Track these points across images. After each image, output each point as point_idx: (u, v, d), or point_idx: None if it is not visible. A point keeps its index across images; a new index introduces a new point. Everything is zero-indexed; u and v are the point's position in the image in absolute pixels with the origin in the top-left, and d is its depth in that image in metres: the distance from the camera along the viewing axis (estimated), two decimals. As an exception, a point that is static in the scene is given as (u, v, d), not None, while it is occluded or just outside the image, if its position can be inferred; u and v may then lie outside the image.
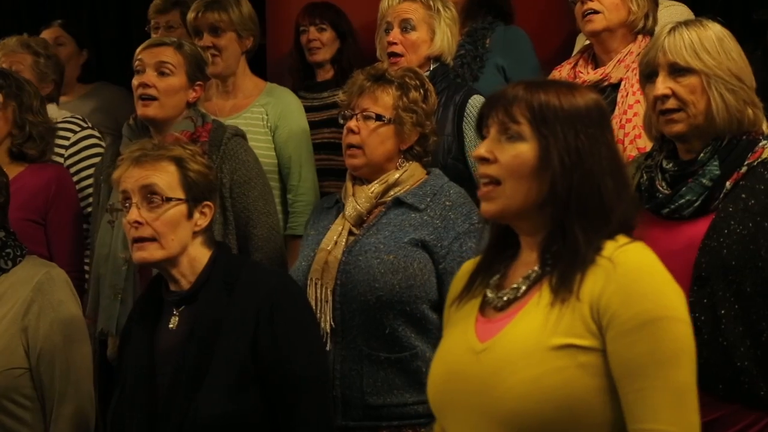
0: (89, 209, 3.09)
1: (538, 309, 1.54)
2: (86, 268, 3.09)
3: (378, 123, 2.49)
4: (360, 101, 2.52)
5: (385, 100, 2.50)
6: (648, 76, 2.11)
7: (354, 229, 2.50)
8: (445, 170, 2.68)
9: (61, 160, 3.30)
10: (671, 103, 2.05)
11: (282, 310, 2.11)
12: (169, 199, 2.12)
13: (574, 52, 3.41)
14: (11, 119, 2.95)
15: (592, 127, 1.57)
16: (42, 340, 2.31)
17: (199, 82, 2.85)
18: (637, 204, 1.72)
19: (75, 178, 3.25)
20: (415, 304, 2.40)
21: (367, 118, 2.50)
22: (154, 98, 2.76)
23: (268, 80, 3.55)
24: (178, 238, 2.13)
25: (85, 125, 3.38)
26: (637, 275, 1.50)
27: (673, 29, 2.08)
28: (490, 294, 1.63)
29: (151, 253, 2.11)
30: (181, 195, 2.13)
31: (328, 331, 2.42)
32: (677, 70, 2.06)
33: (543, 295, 1.54)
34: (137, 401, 2.11)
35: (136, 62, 2.82)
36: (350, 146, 2.51)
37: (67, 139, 3.33)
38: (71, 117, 3.40)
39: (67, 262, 2.89)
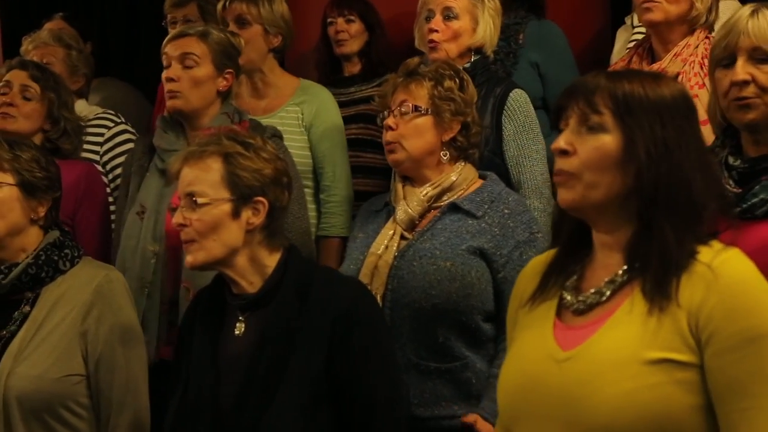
0: None
1: (631, 318, 1.45)
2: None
3: (415, 114, 2.41)
4: (395, 97, 2.45)
5: (420, 92, 2.43)
6: (720, 60, 2.00)
7: (406, 234, 2.40)
8: (480, 161, 2.60)
9: (96, 156, 3.22)
10: (749, 91, 1.95)
11: (360, 324, 1.98)
12: (209, 200, 2.00)
13: (616, 47, 3.35)
14: (45, 113, 2.84)
15: (678, 118, 1.50)
16: (101, 346, 2.21)
17: (229, 70, 2.75)
18: (727, 202, 1.62)
19: (110, 175, 3.20)
20: (471, 314, 2.31)
21: (404, 113, 2.42)
22: (180, 91, 2.68)
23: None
24: (222, 239, 2.00)
25: (119, 120, 3.30)
26: (742, 289, 1.42)
27: (755, 11, 1.97)
28: (568, 297, 1.55)
29: (195, 256, 2.01)
30: (224, 194, 2.00)
31: None
32: (760, 55, 1.95)
33: (635, 302, 1.46)
34: (202, 412, 1.99)
35: (163, 56, 2.74)
36: (390, 142, 2.43)
37: (102, 135, 3.25)
38: (104, 112, 3.32)
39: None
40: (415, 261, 2.33)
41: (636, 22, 3.10)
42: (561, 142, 1.51)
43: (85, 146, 3.14)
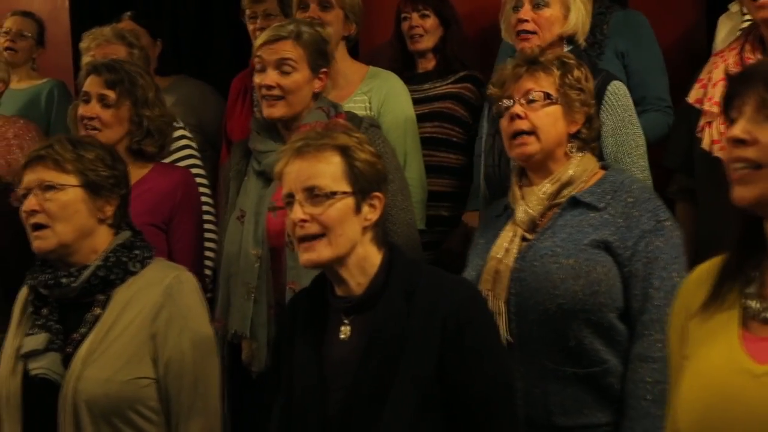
0: None
1: None
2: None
3: (546, 102, 2.26)
4: (519, 86, 2.28)
5: (549, 79, 2.28)
6: None
7: (527, 235, 2.27)
8: None
9: None
10: None
11: (471, 324, 1.89)
12: (333, 193, 1.92)
13: (720, 35, 3.21)
14: (127, 117, 2.76)
15: None
16: (171, 348, 2.15)
17: (323, 70, 2.69)
18: None
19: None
20: (601, 312, 2.16)
21: (532, 100, 2.26)
22: (279, 97, 2.62)
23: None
24: (347, 235, 1.92)
25: (177, 125, 3.20)
26: None
27: None
28: (753, 305, 1.45)
29: (320, 253, 1.92)
30: (346, 187, 1.93)
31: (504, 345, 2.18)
32: None
33: None
34: (308, 419, 1.92)
35: (256, 59, 2.67)
36: (519, 133, 2.26)
37: None
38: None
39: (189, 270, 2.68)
40: (536, 261, 2.21)
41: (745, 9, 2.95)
42: (737, 130, 1.42)
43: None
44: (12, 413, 2.15)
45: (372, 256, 1.96)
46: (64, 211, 2.15)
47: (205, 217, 3.04)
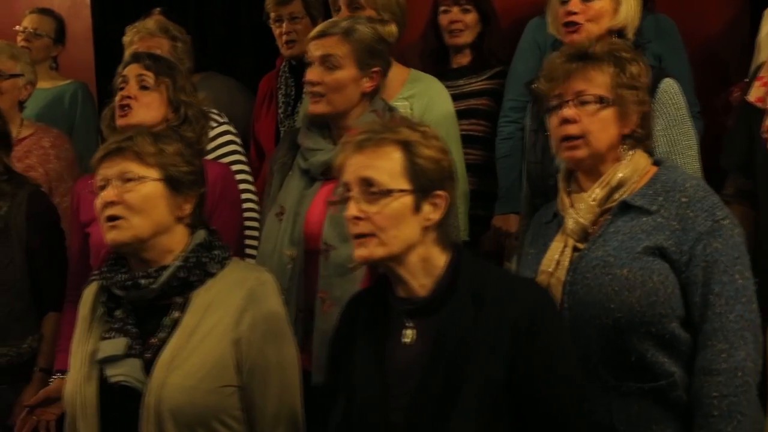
0: None
1: None
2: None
3: (599, 106, 2.12)
4: (570, 85, 2.13)
5: (602, 79, 2.12)
6: None
7: (578, 245, 2.15)
8: None
9: None
10: None
11: (542, 327, 1.83)
12: (390, 191, 1.84)
13: (762, 30, 3.11)
14: (165, 100, 2.67)
15: None
16: (255, 354, 2.05)
17: (375, 69, 2.59)
18: None
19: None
20: (661, 323, 2.04)
21: (584, 102, 2.12)
22: (321, 94, 2.54)
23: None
24: (402, 235, 1.85)
25: (222, 120, 3.14)
26: None
27: None
28: None
29: (372, 250, 1.85)
30: (405, 185, 1.85)
31: None
32: None
33: None
34: (369, 426, 1.86)
35: (307, 53, 2.61)
36: (568, 138, 2.13)
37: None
38: (207, 110, 3.11)
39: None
40: (588, 273, 2.08)
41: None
42: None
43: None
44: (89, 422, 2.04)
45: (435, 257, 1.88)
46: (144, 204, 2.05)
47: (248, 214, 2.97)
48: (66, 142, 3.61)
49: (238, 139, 3.13)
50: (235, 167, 2.96)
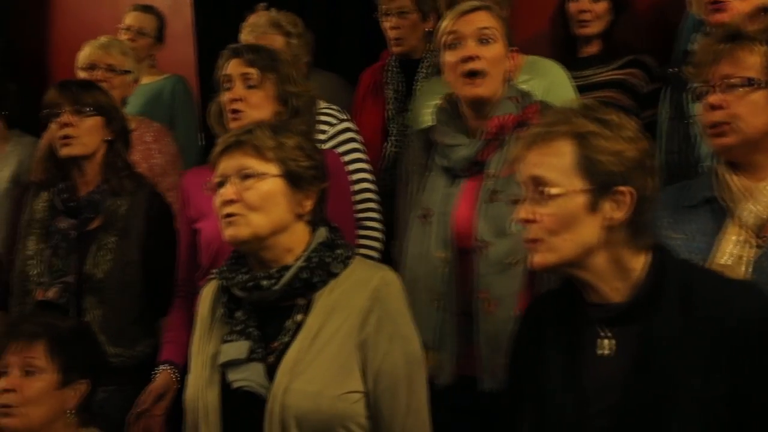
0: None
1: None
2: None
3: (748, 89, 1.98)
4: (717, 69, 2.02)
5: (752, 60, 1.99)
6: None
7: (753, 240, 1.96)
8: None
9: None
10: None
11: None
12: (560, 190, 1.67)
13: None
14: (273, 95, 2.55)
15: None
16: (381, 358, 1.93)
17: (513, 48, 2.43)
18: None
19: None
20: None
21: (731, 86, 1.99)
22: (480, 73, 2.36)
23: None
24: (577, 238, 1.67)
25: (342, 117, 3.00)
26: None
27: None
28: None
29: (544, 257, 1.68)
30: (578, 183, 1.67)
31: None
32: None
33: None
34: None
35: (450, 36, 2.41)
36: (716, 124, 2.01)
37: (324, 132, 2.93)
38: (328, 107, 3.00)
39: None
40: None
41: None
42: None
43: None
44: (212, 428, 1.95)
45: (629, 259, 1.70)
46: (264, 202, 1.95)
47: (370, 215, 2.85)
48: (167, 136, 3.55)
49: (359, 137, 2.99)
50: (354, 166, 2.85)
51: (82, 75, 3.41)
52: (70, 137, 2.72)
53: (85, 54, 3.46)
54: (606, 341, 1.69)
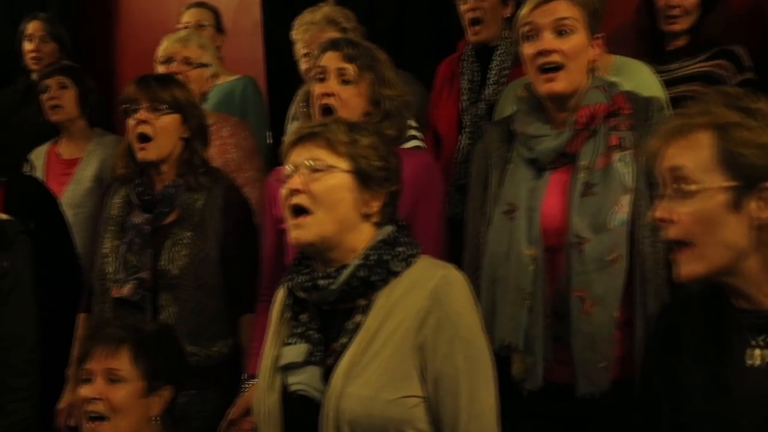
0: None
1: None
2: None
3: None
4: None
5: None
6: None
7: None
8: None
9: None
10: None
11: None
12: (698, 187, 1.57)
13: None
14: (366, 95, 2.47)
15: None
16: (441, 362, 1.84)
17: (598, 35, 2.32)
18: None
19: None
20: None
21: None
22: (558, 66, 2.26)
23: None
24: (723, 241, 1.57)
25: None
26: None
27: None
28: None
29: (691, 267, 1.58)
30: (719, 180, 1.56)
31: None
32: None
33: None
34: None
35: (526, 27, 2.32)
36: None
37: None
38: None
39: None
40: None
41: None
42: None
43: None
44: None
45: None
46: (329, 196, 1.90)
47: None
48: (245, 130, 3.50)
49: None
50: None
51: (160, 69, 3.39)
52: (146, 140, 2.69)
53: (163, 47, 3.45)
54: (758, 351, 1.58)
